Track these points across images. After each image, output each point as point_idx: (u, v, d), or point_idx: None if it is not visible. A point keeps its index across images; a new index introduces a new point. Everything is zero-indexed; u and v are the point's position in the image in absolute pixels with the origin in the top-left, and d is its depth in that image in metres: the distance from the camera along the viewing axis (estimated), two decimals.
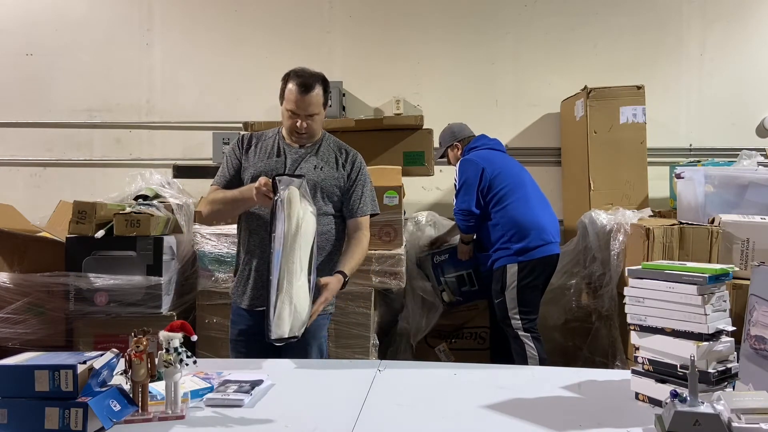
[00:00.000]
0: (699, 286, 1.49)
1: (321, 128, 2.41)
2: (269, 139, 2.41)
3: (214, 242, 3.36)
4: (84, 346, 3.14)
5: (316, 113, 2.30)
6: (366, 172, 2.44)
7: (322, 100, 2.31)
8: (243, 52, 4.43)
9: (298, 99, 2.25)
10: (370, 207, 2.40)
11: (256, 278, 2.29)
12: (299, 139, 2.35)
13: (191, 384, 1.68)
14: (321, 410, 1.58)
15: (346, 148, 2.45)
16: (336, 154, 2.40)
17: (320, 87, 2.29)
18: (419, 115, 3.86)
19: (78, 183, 4.40)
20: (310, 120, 2.30)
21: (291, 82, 2.27)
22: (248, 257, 2.33)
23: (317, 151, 2.37)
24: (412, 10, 4.40)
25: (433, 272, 3.69)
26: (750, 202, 2.88)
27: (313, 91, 2.26)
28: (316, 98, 2.28)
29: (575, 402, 1.63)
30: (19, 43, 4.47)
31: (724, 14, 4.32)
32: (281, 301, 2.00)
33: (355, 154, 2.44)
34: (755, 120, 4.31)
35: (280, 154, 2.36)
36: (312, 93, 2.26)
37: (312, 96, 2.26)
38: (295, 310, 2.01)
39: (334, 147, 2.42)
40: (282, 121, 2.36)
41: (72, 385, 1.39)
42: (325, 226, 2.30)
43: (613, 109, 3.76)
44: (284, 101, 2.30)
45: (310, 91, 2.25)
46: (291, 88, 2.26)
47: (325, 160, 2.36)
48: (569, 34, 4.34)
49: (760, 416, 1.26)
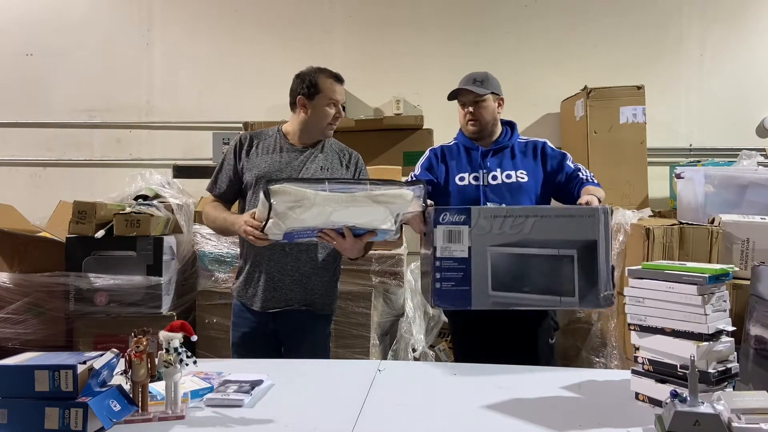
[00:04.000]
0: (699, 286, 1.49)
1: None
2: (270, 137, 2.42)
3: (214, 242, 3.36)
4: (84, 346, 3.15)
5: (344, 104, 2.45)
6: (366, 174, 2.49)
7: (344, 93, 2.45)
8: (243, 52, 4.43)
9: (339, 88, 2.39)
10: None
11: (266, 281, 2.31)
12: (329, 131, 2.42)
13: (191, 384, 1.68)
14: (321, 410, 1.58)
15: (346, 149, 2.49)
16: (339, 155, 2.44)
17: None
18: (419, 115, 3.87)
19: (78, 183, 4.39)
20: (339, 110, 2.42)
21: (324, 76, 2.37)
22: (256, 259, 2.33)
23: (322, 151, 2.41)
24: (412, 10, 4.40)
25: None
26: (750, 202, 2.88)
27: (342, 80, 2.42)
28: (341, 88, 2.42)
29: (575, 402, 1.63)
30: (19, 43, 4.47)
31: (724, 14, 4.31)
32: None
33: (357, 156, 2.50)
34: (755, 120, 4.30)
35: (283, 152, 2.37)
36: (342, 83, 2.42)
37: (342, 86, 2.42)
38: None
39: (336, 148, 2.47)
40: (314, 119, 2.38)
41: (72, 385, 1.40)
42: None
43: (613, 109, 3.76)
44: (323, 95, 2.36)
45: (343, 81, 2.42)
46: (329, 81, 2.37)
47: (329, 161, 2.40)
48: (569, 34, 4.34)
49: (760, 416, 1.27)
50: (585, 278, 1.91)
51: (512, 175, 2.46)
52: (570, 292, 1.92)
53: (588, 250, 1.92)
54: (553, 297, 1.93)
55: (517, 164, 2.49)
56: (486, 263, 1.96)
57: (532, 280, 1.95)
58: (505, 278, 1.96)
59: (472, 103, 2.47)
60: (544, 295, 1.94)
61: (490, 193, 2.45)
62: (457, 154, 2.55)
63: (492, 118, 2.51)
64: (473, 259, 1.96)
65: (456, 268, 1.97)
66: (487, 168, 2.49)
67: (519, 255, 1.96)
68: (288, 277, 2.31)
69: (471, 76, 2.51)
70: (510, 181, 2.45)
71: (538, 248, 1.94)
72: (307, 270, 2.32)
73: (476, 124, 2.48)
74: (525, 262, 1.96)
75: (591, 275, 1.91)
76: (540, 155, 2.51)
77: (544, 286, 1.95)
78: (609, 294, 1.91)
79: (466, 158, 2.53)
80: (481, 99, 2.46)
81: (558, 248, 1.94)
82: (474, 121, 2.48)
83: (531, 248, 1.95)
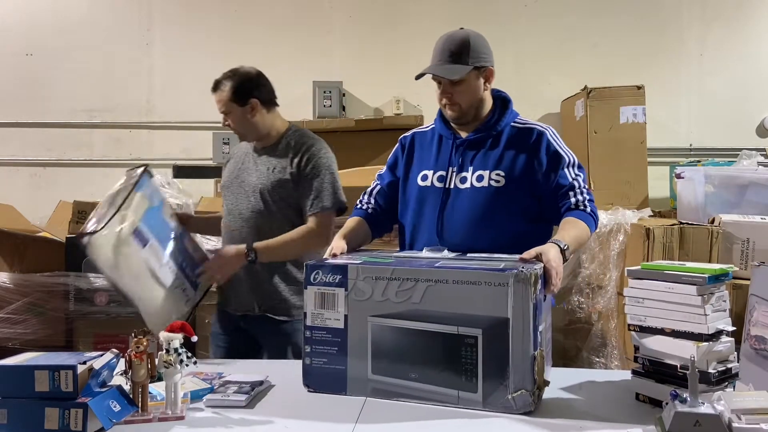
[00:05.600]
0: (699, 287, 1.49)
1: (246, 126, 2.38)
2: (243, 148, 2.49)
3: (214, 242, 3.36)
4: (84, 346, 3.14)
5: (224, 111, 2.35)
6: (321, 164, 2.31)
7: (226, 96, 2.32)
8: (243, 52, 4.42)
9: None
10: (328, 201, 2.30)
11: (229, 286, 2.38)
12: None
13: (191, 384, 1.68)
14: (321, 411, 1.58)
15: (304, 141, 2.36)
16: (291, 152, 2.34)
17: (228, 83, 2.33)
18: (419, 115, 3.86)
19: (78, 183, 4.39)
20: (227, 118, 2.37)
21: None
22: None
23: (275, 151, 2.38)
24: (412, 10, 4.40)
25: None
26: (750, 202, 2.88)
27: (217, 88, 2.33)
28: (219, 95, 2.33)
29: (575, 402, 1.63)
30: (19, 43, 4.47)
31: (724, 14, 4.31)
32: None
33: (310, 147, 2.33)
34: (755, 120, 4.30)
35: (246, 160, 2.43)
36: (216, 90, 2.34)
37: (216, 93, 2.34)
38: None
39: (293, 142, 2.36)
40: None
41: (72, 386, 1.39)
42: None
43: (613, 109, 3.76)
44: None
45: (215, 89, 2.34)
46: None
47: (278, 160, 2.35)
48: (569, 34, 4.34)
49: (760, 416, 1.26)
50: (492, 370, 1.48)
51: (484, 177, 1.91)
52: (471, 387, 1.49)
53: (497, 331, 1.46)
54: (449, 390, 1.52)
55: (497, 160, 1.93)
56: (366, 338, 1.57)
57: (422, 365, 1.54)
58: (389, 359, 1.56)
59: (448, 84, 1.93)
60: (436, 387, 1.53)
61: (452, 202, 1.93)
62: (429, 142, 2.04)
63: (475, 99, 1.96)
64: (350, 332, 1.58)
65: (329, 341, 1.60)
66: (458, 165, 1.96)
67: (406, 331, 1.54)
68: (245, 284, 2.33)
69: (446, 46, 1.94)
70: (480, 185, 1.91)
71: (431, 324, 1.52)
72: (263, 276, 2.32)
73: (455, 108, 1.96)
74: (414, 341, 1.53)
75: (500, 366, 1.47)
76: (533, 148, 1.93)
77: (437, 375, 1.52)
78: (524, 394, 1.46)
79: (436, 149, 2.02)
80: (459, 80, 1.92)
81: (458, 325, 1.49)
82: (453, 105, 1.96)
83: (422, 323, 1.53)
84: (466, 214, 1.91)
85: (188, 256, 2.18)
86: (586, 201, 1.91)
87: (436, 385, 1.53)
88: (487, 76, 1.97)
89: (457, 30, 1.99)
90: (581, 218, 1.87)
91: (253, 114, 2.34)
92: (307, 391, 1.67)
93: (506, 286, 1.46)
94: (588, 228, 1.87)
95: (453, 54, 1.91)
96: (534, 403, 1.49)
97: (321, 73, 4.19)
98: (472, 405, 1.50)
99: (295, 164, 2.31)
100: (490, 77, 1.98)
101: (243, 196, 2.37)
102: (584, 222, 1.87)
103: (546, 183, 1.92)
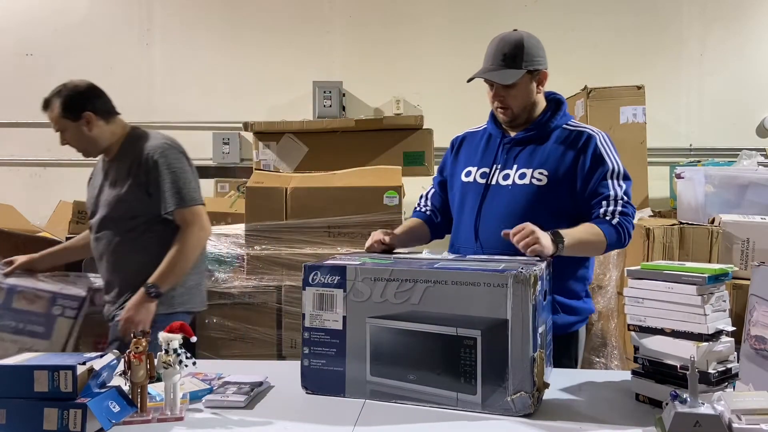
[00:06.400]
0: (698, 287, 1.48)
1: (85, 142, 2.35)
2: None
3: (214, 242, 3.35)
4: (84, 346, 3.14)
5: (57, 129, 2.30)
6: (162, 164, 2.30)
7: (57, 114, 2.28)
8: (243, 52, 4.43)
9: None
10: (172, 202, 2.28)
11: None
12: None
13: (190, 385, 1.68)
14: (320, 412, 1.58)
15: (139, 145, 2.35)
16: (128, 161, 2.32)
17: (57, 100, 2.27)
18: (419, 115, 3.86)
19: (78, 183, 4.36)
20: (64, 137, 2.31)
21: None
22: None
23: (118, 162, 2.37)
24: (412, 10, 4.40)
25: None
26: (750, 202, 2.88)
27: (47, 106, 2.28)
28: (50, 114, 2.29)
29: (575, 403, 1.63)
30: (19, 43, 4.47)
31: (724, 14, 4.31)
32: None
33: (142, 150, 2.32)
34: (755, 120, 4.31)
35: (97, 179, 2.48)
36: (47, 109, 2.28)
37: (47, 112, 2.29)
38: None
39: (129, 150, 2.35)
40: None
41: (71, 386, 1.39)
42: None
43: (613, 109, 3.75)
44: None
45: (45, 108, 2.29)
46: None
47: (120, 173, 2.34)
48: (569, 34, 4.34)
49: (760, 417, 1.26)
50: (491, 371, 1.47)
51: (526, 175, 1.90)
52: (469, 389, 1.49)
53: (496, 332, 1.46)
54: (448, 392, 1.51)
55: (542, 159, 1.91)
56: (365, 339, 1.57)
57: (420, 367, 1.53)
58: (388, 361, 1.55)
59: (501, 88, 1.92)
60: (434, 389, 1.52)
61: (492, 198, 1.92)
62: (478, 141, 2.04)
63: (527, 102, 1.95)
64: (349, 333, 1.58)
65: (328, 342, 1.59)
66: (503, 162, 1.94)
67: (404, 332, 1.54)
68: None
69: (499, 49, 1.91)
70: (522, 182, 1.89)
71: (430, 325, 1.51)
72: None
73: (508, 112, 1.94)
74: (412, 343, 1.53)
75: (499, 368, 1.46)
76: (580, 151, 1.91)
77: (436, 377, 1.52)
78: (523, 396, 1.46)
79: (483, 147, 2.01)
80: (512, 84, 1.90)
81: (457, 327, 1.49)
82: (505, 110, 1.94)
83: (421, 324, 1.52)
84: (504, 209, 1.89)
85: (23, 311, 2.28)
86: (617, 212, 1.90)
87: (434, 387, 1.53)
88: (540, 79, 1.97)
89: (511, 32, 1.96)
90: (599, 225, 1.86)
91: (90, 128, 2.29)
92: (305, 393, 1.67)
93: (505, 287, 1.45)
94: (602, 234, 1.85)
95: (506, 57, 1.90)
96: (533, 405, 1.48)
97: (321, 73, 4.19)
98: (471, 407, 1.50)
99: (134, 173, 2.29)
100: (543, 80, 1.98)
101: (104, 222, 2.36)
102: (600, 228, 1.86)
103: (584, 187, 1.90)
